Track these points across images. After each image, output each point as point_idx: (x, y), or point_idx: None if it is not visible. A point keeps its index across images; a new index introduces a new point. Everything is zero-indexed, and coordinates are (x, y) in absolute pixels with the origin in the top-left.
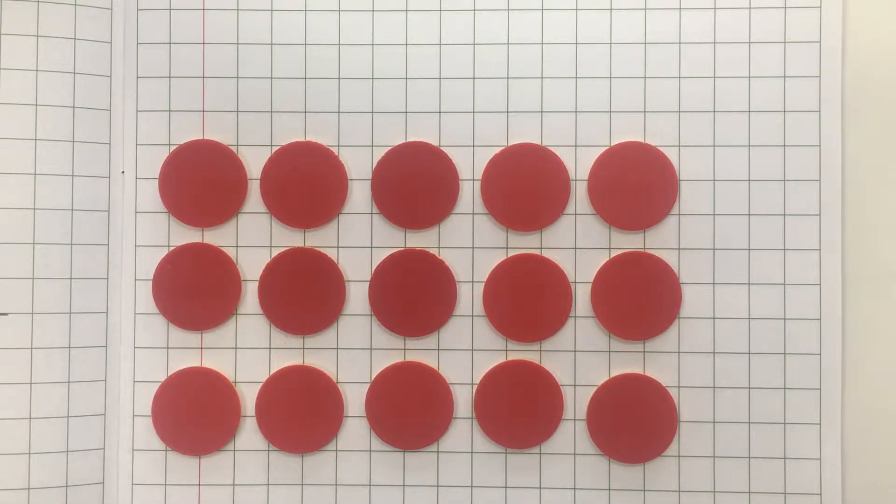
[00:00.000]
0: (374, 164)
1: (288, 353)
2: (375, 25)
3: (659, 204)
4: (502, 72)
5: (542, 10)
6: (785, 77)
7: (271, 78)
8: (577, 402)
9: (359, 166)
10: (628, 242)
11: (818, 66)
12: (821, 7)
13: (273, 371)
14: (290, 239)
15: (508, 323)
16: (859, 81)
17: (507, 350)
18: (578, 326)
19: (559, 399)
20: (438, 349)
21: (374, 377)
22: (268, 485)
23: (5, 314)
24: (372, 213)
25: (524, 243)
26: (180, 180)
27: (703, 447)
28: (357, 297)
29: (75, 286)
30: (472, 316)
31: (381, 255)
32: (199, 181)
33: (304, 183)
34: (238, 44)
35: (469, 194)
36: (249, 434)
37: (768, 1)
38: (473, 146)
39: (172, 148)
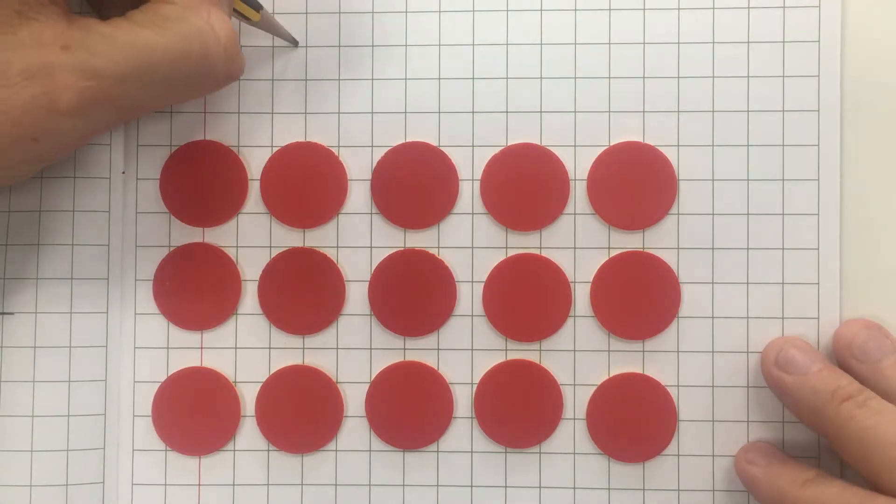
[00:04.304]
0: (374, 164)
1: (288, 353)
2: (375, 26)
3: (658, 203)
4: (501, 72)
5: (541, 10)
6: (783, 77)
7: (272, 80)
8: (576, 402)
9: (359, 166)
10: (627, 242)
11: (817, 65)
12: (819, 7)
13: (273, 371)
14: (290, 239)
15: (508, 323)
16: (858, 81)
17: (506, 350)
18: (578, 326)
19: (559, 398)
20: (438, 349)
21: (373, 377)
22: (268, 485)
23: (10, 314)
24: (371, 213)
25: (524, 243)
26: (181, 181)
27: (702, 446)
28: (357, 296)
29: (76, 286)
30: (472, 316)
31: (380, 255)
32: (200, 182)
33: (304, 183)
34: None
35: (469, 194)
36: (249, 434)
37: (767, 1)
38: (473, 146)
39: (173, 149)
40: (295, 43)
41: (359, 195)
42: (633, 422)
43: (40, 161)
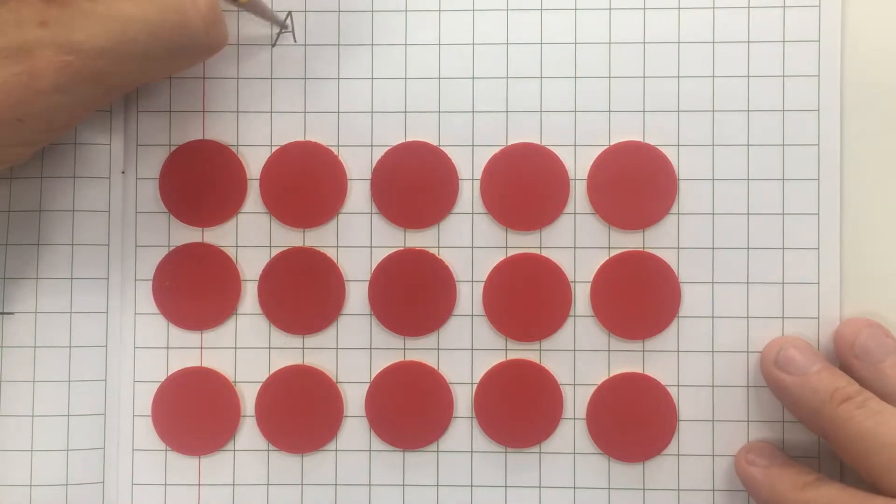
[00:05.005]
0: (374, 164)
1: (288, 352)
2: (375, 25)
3: (658, 203)
4: (501, 72)
5: (541, 10)
6: (784, 76)
7: (271, 79)
8: (576, 402)
9: (358, 166)
10: (627, 242)
11: (817, 65)
12: (819, 6)
13: (273, 371)
14: (290, 239)
15: (508, 322)
16: (858, 81)
17: (506, 349)
18: (578, 326)
19: (559, 398)
20: (438, 349)
21: (373, 377)
22: (268, 485)
23: (10, 314)
24: (371, 213)
25: (524, 243)
26: (180, 180)
27: (702, 446)
28: (357, 296)
29: (76, 286)
30: (472, 315)
31: (380, 255)
32: (200, 181)
33: (304, 183)
34: (238, 44)
35: (468, 194)
36: (249, 434)
37: (767, 0)
38: (473, 146)
39: (173, 148)
40: (284, 27)
41: (359, 195)
42: (633, 422)
43: (28, 144)
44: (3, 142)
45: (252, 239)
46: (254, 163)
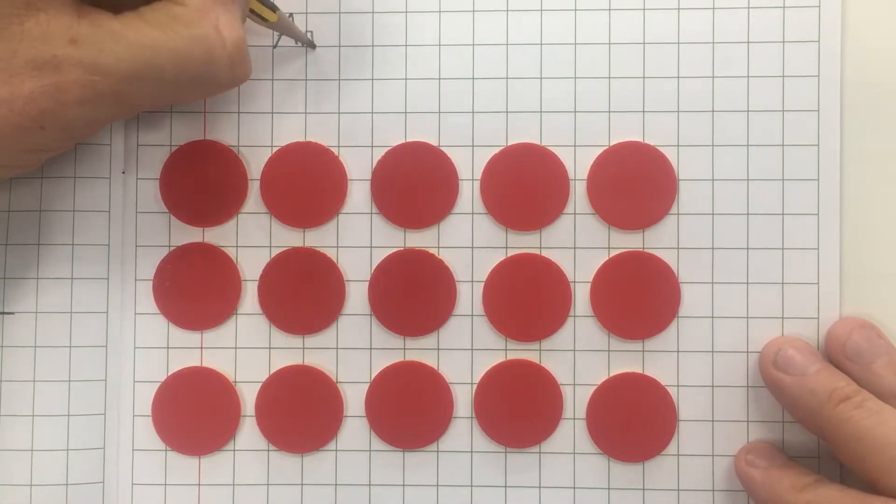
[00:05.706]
0: (374, 164)
1: (288, 352)
2: (375, 26)
3: (658, 203)
4: (501, 72)
5: (541, 10)
6: (783, 77)
7: (272, 80)
8: (576, 402)
9: (359, 166)
10: (627, 242)
11: (817, 65)
12: (819, 7)
13: (273, 371)
14: (290, 239)
15: (508, 322)
16: (858, 81)
17: (506, 349)
18: (578, 326)
19: (559, 398)
20: (438, 349)
21: (373, 377)
22: (268, 485)
23: (10, 314)
24: (371, 213)
25: (524, 243)
26: (181, 180)
27: (702, 446)
28: (357, 296)
29: (76, 286)
30: (472, 315)
31: (380, 255)
32: (200, 181)
33: (304, 183)
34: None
35: (468, 194)
36: (249, 434)
37: (767, 1)
38: (473, 146)
39: (173, 149)
40: (312, 45)
41: (359, 195)
42: (633, 422)
43: (45, 150)
44: (24, 148)
45: (252, 239)
46: (254, 163)
